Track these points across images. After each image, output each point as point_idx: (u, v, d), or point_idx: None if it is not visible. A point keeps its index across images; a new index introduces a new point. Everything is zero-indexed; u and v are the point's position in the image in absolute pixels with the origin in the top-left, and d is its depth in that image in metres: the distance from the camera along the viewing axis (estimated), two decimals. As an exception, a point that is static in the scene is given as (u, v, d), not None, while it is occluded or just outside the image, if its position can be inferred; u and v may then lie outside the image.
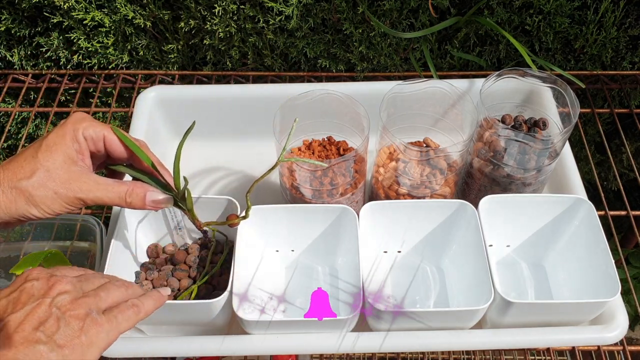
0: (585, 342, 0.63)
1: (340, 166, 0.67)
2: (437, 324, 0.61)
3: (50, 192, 0.50)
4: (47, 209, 0.51)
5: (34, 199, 0.50)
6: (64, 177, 0.51)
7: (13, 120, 1.06)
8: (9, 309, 0.44)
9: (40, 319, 0.43)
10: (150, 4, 0.91)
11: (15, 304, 0.44)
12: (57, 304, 0.45)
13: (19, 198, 0.49)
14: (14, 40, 0.98)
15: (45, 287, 0.46)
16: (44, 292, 0.46)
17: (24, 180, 0.49)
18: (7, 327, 0.42)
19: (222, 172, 0.86)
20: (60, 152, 0.51)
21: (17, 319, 0.43)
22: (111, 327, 0.47)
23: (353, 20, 0.91)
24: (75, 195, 0.51)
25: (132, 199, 0.54)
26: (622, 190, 0.82)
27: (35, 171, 0.50)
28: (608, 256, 0.63)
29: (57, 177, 0.51)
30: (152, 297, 0.53)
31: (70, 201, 0.51)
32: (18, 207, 0.50)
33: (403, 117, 0.73)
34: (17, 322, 0.43)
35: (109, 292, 0.49)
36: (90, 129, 0.53)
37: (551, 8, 0.89)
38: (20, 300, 0.45)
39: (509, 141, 0.68)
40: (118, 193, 0.53)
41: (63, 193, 0.50)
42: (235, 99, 0.85)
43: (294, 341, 0.61)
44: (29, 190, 0.49)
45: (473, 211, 0.66)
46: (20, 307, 0.44)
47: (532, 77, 0.72)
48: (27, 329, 0.42)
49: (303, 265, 0.72)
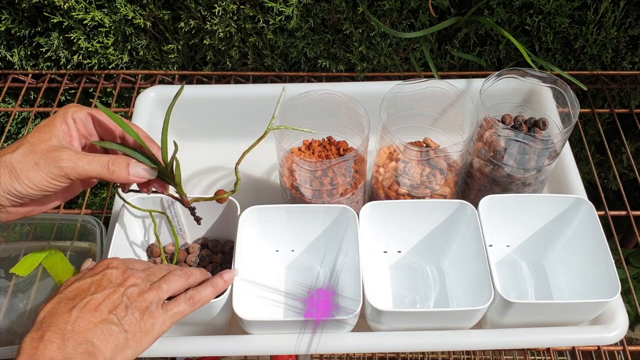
0: (585, 342, 0.63)
1: (340, 166, 0.67)
2: (437, 324, 0.61)
3: (31, 164, 0.50)
4: (29, 182, 0.51)
5: (15, 172, 0.50)
6: (45, 149, 0.51)
7: (13, 120, 1.06)
8: (92, 289, 0.51)
9: (114, 304, 0.50)
10: (150, 4, 0.91)
11: (98, 285, 0.51)
12: (128, 294, 0.52)
13: (3, 172, 0.50)
14: (14, 40, 0.98)
15: (121, 278, 0.53)
16: (120, 282, 0.52)
17: (8, 154, 0.51)
18: (89, 304, 0.49)
19: (222, 172, 0.86)
20: (47, 131, 0.53)
21: (98, 299, 0.50)
22: (165, 318, 0.53)
23: (353, 20, 0.91)
24: (57, 165, 0.51)
25: (115, 167, 0.53)
26: (622, 190, 0.82)
27: (20, 146, 0.51)
28: (608, 256, 0.63)
29: (39, 149, 0.51)
30: (213, 285, 0.57)
31: (50, 172, 0.51)
32: (3, 181, 0.50)
33: (403, 117, 0.73)
34: (98, 302, 0.50)
35: (169, 283, 0.55)
36: (79, 112, 0.55)
37: (551, 8, 0.89)
38: (102, 283, 0.52)
39: (509, 141, 0.68)
40: (100, 162, 0.53)
41: (43, 163, 0.51)
42: (235, 99, 0.85)
43: (294, 341, 0.61)
44: (11, 163, 0.50)
45: (473, 211, 0.66)
46: (101, 289, 0.51)
47: (532, 77, 0.72)
48: (104, 310, 0.49)
49: (303, 265, 0.72)
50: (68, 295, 0.50)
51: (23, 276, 0.71)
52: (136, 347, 0.50)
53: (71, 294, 0.50)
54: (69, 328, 0.47)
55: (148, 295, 0.53)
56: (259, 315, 0.65)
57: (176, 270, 0.57)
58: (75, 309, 0.49)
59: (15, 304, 0.68)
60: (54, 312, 0.48)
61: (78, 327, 0.47)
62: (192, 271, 0.58)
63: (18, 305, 0.68)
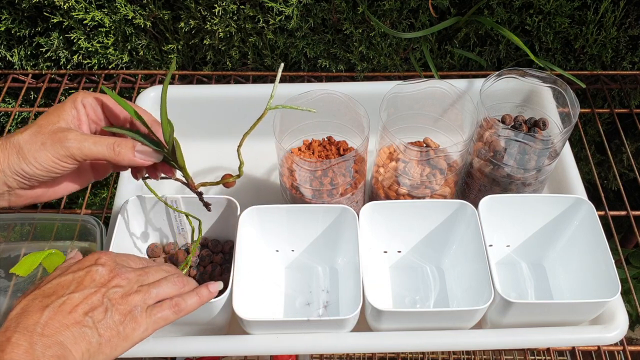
0: (585, 342, 0.63)
1: (340, 166, 0.67)
2: (437, 324, 0.61)
3: (38, 144, 0.51)
4: (35, 162, 0.51)
5: (23, 152, 0.51)
6: (53, 130, 0.52)
7: (13, 120, 1.06)
8: (72, 287, 0.49)
9: (92, 306, 0.48)
10: (150, 4, 0.91)
11: (79, 283, 0.50)
12: (110, 295, 0.50)
13: (11, 153, 0.51)
14: (14, 40, 0.98)
15: (106, 277, 0.51)
16: (104, 282, 0.50)
17: (17, 135, 0.51)
18: (65, 304, 0.48)
19: (222, 172, 0.86)
20: (57, 114, 0.53)
21: (75, 300, 0.48)
22: (148, 324, 0.51)
23: (353, 20, 0.91)
24: (63, 144, 0.51)
25: (121, 148, 0.53)
26: (622, 190, 0.82)
27: (28, 128, 0.52)
28: (608, 256, 0.63)
29: (47, 131, 0.52)
30: (198, 295, 0.55)
31: (56, 152, 0.51)
32: (11, 162, 0.51)
33: (403, 117, 0.73)
34: (74, 304, 0.48)
35: (160, 288, 0.53)
36: (89, 97, 0.55)
37: (551, 8, 0.89)
38: (83, 282, 0.50)
39: (509, 141, 0.68)
40: (106, 143, 0.53)
41: (49, 143, 0.51)
42: (235, 99, 0.85)
43: (294, 341, 0.61)
44: (20, 144, 0.51)
45: (473, 211, 0.66)
46: (81, 288, 0.49)
47: (532, 77, 0.72)
48: (79, 312, 0.48)
49: (303, 265, 0.72)
50: (46, 291, 0.49)
51: (23, 276, 0.71)
52: (110, 352, 0.49)
53: (49, 290, 0.49)
54: (38, 330, 0.45)
55: (133, 299, 0.51)
56: (259, 315, 0.65)
57: (173, 277, 0.55)
58: (48, 308, 0.47)
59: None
60: (26, 310, 0.47)
61: (49, 329, 0.46)
62: (189, 281, 0.56)
63: (18, 305, 0.68)
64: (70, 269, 0.51)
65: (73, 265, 0.52)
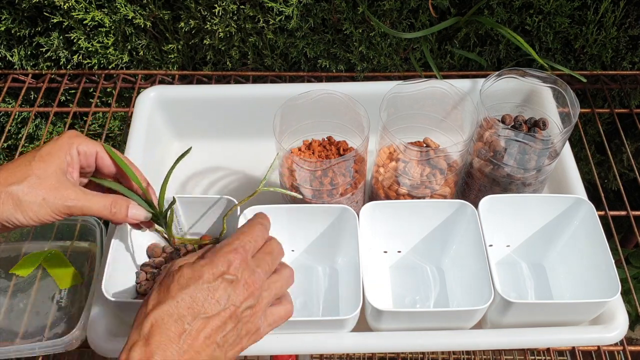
0: (585, 342, 0.63)
1: (340, 166, 0.67)
2: (437, 324, 0.61)
3: (39, 198, 0.51)
4: (33, 215, 0.52)
5: (22, 205, 0.51)
6: (54, 185, 0.52)
7: (13, 120, 1.06)
8: (206, 306, 0.47)
9: (226, 332, 0.48)
10: (150, 4, 0.91)
11: (211, 297, 0.47)
12: (241, 316, 0.49)
13: (7, 202, 0.51)
14: (14, 40, 0.98)
15: (241, 298, 0.49)
16: (237, 302, 0.49)
17: (15, 185, 0.51)
18: (201, 333, 0.47)
19: (222, 172, 0.86)
20: (53, 162, 0.53)
21: (211, 327, 0.47)
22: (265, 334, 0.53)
23: (353, 20, 0.91)
24: (64, 203, 0.52)
25: (117, 209, 0.56)
26: (622, 190, 0.82)
27: (27, 177, 0.52)
28: (608, 256, 0.63)
29: (47, 184, 0.52)
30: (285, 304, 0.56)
31: (56, 209, 0.52)
32: (4, 210, 0.51)
33: (403, 117, 0.73)
34: (210, 332, 0.47)
35: (273, 312, 0.53)
36: (84, 144, 0.56)
37: (551, 8, 0.89)
38: (215, 295, 0.48)
39: (509, 141, 0.68)
40: (103, 203, 0.55)
41: (51, 200, 0.52)
42: (235, 99, 0.85)
43: (294, 341, 0.61)
44: (18, 195, 0.51)
45: (473, 211, 0.66)
46: (215, 309, 0.47)
47: (532, 77, 0.72)
48: (214, 339, 0.47)
49: (303, 265, 0.72)
50: (180, 307, 0.46)
51: (23, 276, 0.71)
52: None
53: (182, 307, 0.46)
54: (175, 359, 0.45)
55: (259, 317, 0.51)
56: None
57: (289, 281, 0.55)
58: (185, 335, 0.46)
59: (15, 304, 0.68)
60: (162, 326, 0.46)
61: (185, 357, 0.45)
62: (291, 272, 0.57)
63: (18, 305, 0.68)
64: (202, 274, 0.48)
65: (204, 267, 0.49)
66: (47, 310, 0.67)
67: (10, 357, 0.63)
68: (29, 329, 0.66)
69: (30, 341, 0.64)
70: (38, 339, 0.65)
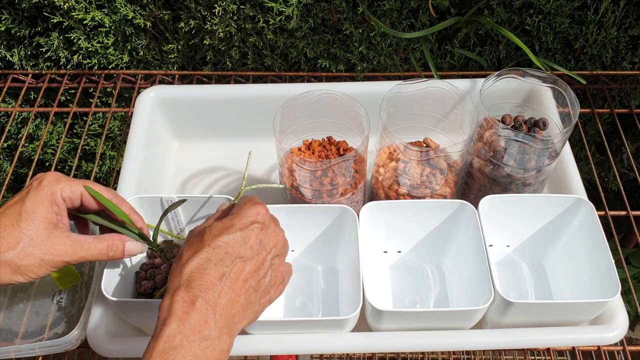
0: (585, 342, 0.63)
1: (340, 166, 0.67)
2: (437, 324, 0.61)
3: (37, 260, 0.52)
4: (33, 274, 0.53)
5: (20, 269, 0.52)
6: (48, 244, 0.53)
7: (13, 120, 1.06)
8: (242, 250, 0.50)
9: (260, 276, 0.51)
10: (150, 4, 0.91)
11: (245, 243, 0.50)
12: (272, 262, 0.53)
13: (5, 268, 0.51)
14: (14, 40, 0.98)
15: (271, 243, 0.53)
16: (268, 247, 0.52)
17: (9, 251, 0.51)
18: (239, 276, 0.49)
19: (222, 172, 0.86)
20: (41, 218, 0.53)
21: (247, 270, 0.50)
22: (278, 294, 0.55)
23: (353, 20, 0.91)
24: (61, 260, 0.53)
25: (114, 252, 0.57)
26: (622, 190, 0.82)
27: (19, 241, 0.52)
28: (608, 256, 0.63)
29: (42, 244, 0.53)
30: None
31: (55, 265, 0.54)
32: (3, 277, 0.51)
33: (403, 117, 0.73)
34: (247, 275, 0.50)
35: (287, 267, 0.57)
36: (67, 189, 0.56)
37: (551, 8, 0.89)
38: (249, 241, 0.51)
39: (509, 141, 0.68)
40: (100, 250, 0.56)
41: (49, 259, 0.53)
42: (235, 99, 0.85)
43: (294, 341, 0.61)
44: (14, 262, 0.51)
45: (473, 211, 0.66)
46: (250, 254, 0.50)
47: (532, 77, 0.72)
48: (251, 283, 0.50)
49: (303, 265, 0.72)
50: (217, 253, 0.49)
51: (23, 276, 0.71)
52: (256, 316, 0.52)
53: (219, 252, 0.49)
54: (218, 301, 0.47)
55: (283, 264, 0.54)
56: (259, 315, 0.65)
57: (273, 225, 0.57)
58: (225, 278, 0.48)
59: (15, 304, 0.68)
60: (202, 271, 0.48)
61: (224, 301, 0.47)
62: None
63: (18, 305, 0.68)
64: (233, 224, 0.51)
65: (234, 219, 0.51)
66: (47, 310, 0.67)
67: (10, 357, 0.63)
68: (29, 329, 0.66)
69: (30, 341, 0.64)
70: (38, 339, 0.65)
